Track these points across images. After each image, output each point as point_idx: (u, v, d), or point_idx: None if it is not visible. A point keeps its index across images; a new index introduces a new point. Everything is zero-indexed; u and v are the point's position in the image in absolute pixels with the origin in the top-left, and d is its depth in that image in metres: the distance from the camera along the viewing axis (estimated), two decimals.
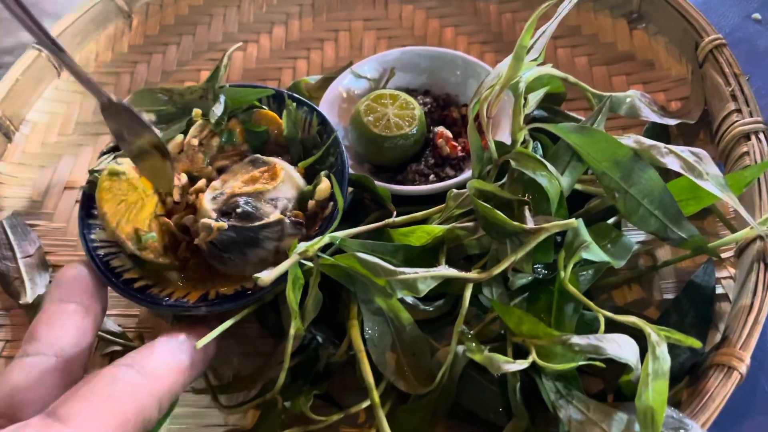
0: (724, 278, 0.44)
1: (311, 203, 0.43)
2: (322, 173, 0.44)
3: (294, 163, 0.45)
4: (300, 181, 0.44)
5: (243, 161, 0.45)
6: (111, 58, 0.65)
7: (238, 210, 0.41)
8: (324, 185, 0.43)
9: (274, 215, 0.41)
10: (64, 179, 0.57)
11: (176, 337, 0.36)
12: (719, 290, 0.44)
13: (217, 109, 0.46)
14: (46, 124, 0.61)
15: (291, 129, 0.47)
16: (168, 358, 0.35)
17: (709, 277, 0.44)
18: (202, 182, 0.44)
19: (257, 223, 0.40)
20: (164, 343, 0.36)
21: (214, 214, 0.41)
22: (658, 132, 0.51)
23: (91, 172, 0.45)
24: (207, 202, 0.42)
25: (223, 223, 0.40)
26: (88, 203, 0.43)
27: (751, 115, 0.49)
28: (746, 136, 0.48)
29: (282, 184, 0.42)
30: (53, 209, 0.55)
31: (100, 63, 0.65)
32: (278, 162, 0.44)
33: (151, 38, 0.67)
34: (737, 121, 0.49)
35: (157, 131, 0.42)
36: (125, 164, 0.43)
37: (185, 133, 0.46)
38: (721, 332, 0.41)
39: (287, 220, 0.41)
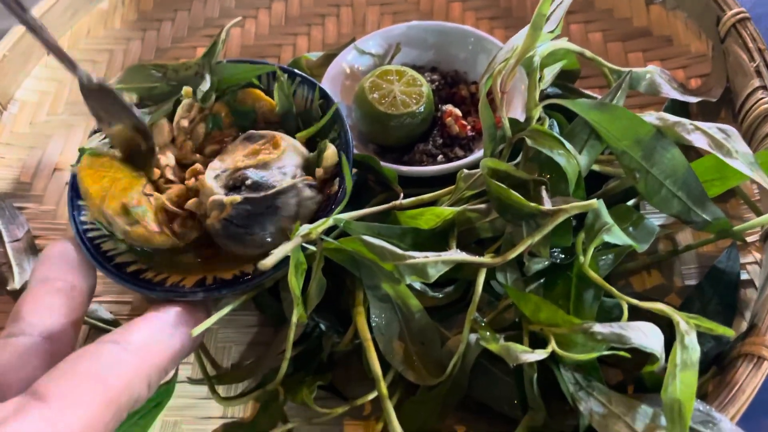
0: (749, 263, 0.42)
1: (319, 172, 0.40)
2: (327, 140, 0.41)
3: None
4: (303, 149, 0.41)
5: (237, 139, 0.42)
6: (103, 34, 0.63)
7: (248, 182, 0.38)
8: (330, 151, 0.40)
9: (286, 182, 0.38)
10: (54, 160, 0.54)
11: (165, 312, 0.34)
12: (744, 276, 0.41)
13: (204, 86, 0.43)
14: (35, 103, 0.58)
15: (284, 102, 0.44)
16: (156, 335, 0.33)
17: (733, 262, 0.41)
18: (197, 165, 0.41)
19: (272, 191, 0.38)
20: (152, 318, 0.34)
21: (222, 191, 0.38)
22: (678, 111, 0.48)
23: (81, 150, 0.42)
24: (210, 180, 0.39)
25: (236, 197, 0.37)
26: (78, 184, 0.41)
27: None
28: None
29: (286, 153, 0.40)
30: (42, 191, 0.53)
31: (92, 39, 0.62)
32: (276, 133, 0.41)
33: (145, 14, 0.64)
34: (762, 98, 0.46)
35: (138, 112, 0.40)
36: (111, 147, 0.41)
37: (173, 114, 0.44)
38: (746, 320, 0.39)
39: (301, 184, 0.38)
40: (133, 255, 0.39)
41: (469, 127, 0.48)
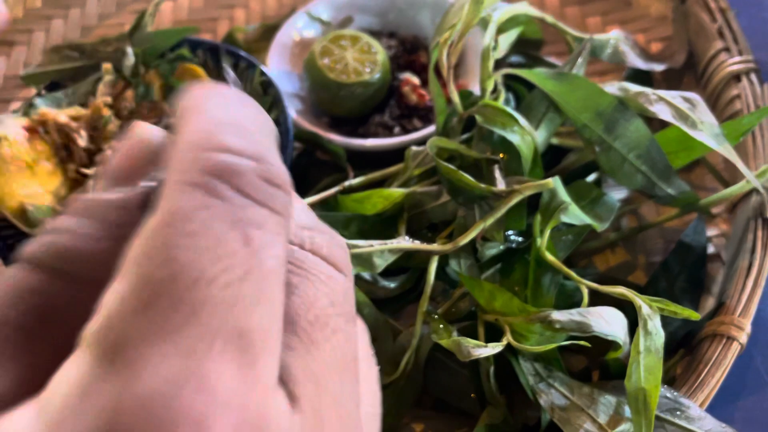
0: (716, 236, 0.40)
1: None
2: None
3: None
4: None
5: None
6: (23, 14, 0.57)
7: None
8: None
9: None
10: None
11: None
12: (710, 250, 0.39)
13: (128, 60, 0.40)
14: None
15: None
16: None
17: (699, 235, 0.39)
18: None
19: None
20: None
21: None
22: (640, 76, 0.46)
23: None
24: None
25: None
26: None
27: (740, 54, 0.44)
28: (736, 78, 0.43)
29: None
30: None
31: (10, 20, 0.57)
32: None
33: None
34: (725, 60, 0.44)
35: None
36: (11, 127, 0.36)
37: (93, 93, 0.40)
38: (714, 297, 0.37)
39: None
40: None
41: (428, 97, 0.45)
